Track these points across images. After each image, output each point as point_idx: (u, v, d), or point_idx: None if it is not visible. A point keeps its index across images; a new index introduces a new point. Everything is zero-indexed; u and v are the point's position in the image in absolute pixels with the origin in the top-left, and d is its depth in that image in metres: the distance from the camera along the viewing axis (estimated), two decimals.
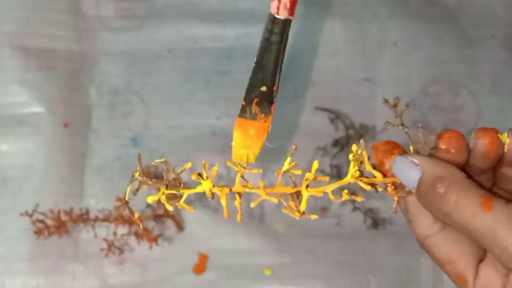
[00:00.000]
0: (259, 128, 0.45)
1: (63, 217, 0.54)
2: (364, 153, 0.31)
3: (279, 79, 0.45)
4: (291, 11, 0.42)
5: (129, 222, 0.53)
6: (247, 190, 0.32)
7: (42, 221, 0.53)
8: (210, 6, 0.64)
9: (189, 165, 0.32)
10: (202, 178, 0.31)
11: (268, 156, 0.46)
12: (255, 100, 0.45)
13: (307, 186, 0.31)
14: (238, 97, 0.61)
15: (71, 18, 0.63)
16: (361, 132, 0.58)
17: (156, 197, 0.32)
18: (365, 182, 0.31)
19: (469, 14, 0.63)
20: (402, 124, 0.30)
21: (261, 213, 0.56)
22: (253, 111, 0.45)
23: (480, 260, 0.33)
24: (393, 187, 0.32)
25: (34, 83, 0.60)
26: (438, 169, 0.29)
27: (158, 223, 0.55)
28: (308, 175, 0.32)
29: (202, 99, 0.61)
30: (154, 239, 0.53)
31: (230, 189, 0.32)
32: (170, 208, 0.32)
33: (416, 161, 0.30)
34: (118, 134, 0.60)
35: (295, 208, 0.32)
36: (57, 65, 0.61)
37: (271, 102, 0.45)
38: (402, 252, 0.55)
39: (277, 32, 0.43)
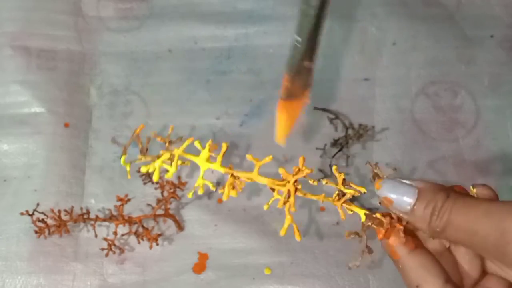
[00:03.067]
0: (298, 107, 0.45)
1: (64, 217, 0.54)
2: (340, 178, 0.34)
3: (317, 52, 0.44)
4: None
5: (129, 221, 0.53)
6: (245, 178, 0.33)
7: (42, 221, 0.53)
8: (210, 7, 0.64)
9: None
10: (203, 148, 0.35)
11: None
12: (295, 77, 0.44)
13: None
14: (238, 97, 0.61)
15: (72, 19, 0.64)
16: (360, 132, 0.58)
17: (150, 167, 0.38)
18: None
19: (468, 14, 0.63)
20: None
21: (260, 212, 0.56)
22: (293, 90, 0.45)
23: (447, 281, 0.32)
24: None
25: (35, 83, 0.60)
26: (434, 185, 0.29)
27: (158, 223, 0.56)
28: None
29: (202, 99, 0.61)
30: (154, 239, 0.53)
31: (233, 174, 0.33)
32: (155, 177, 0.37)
33: (407, 181, 0.29)
34: (118, 134, 0.60)
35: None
36: (57, 66, 0.62)
37: (310, 75, 0.44)
38: None
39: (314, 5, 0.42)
